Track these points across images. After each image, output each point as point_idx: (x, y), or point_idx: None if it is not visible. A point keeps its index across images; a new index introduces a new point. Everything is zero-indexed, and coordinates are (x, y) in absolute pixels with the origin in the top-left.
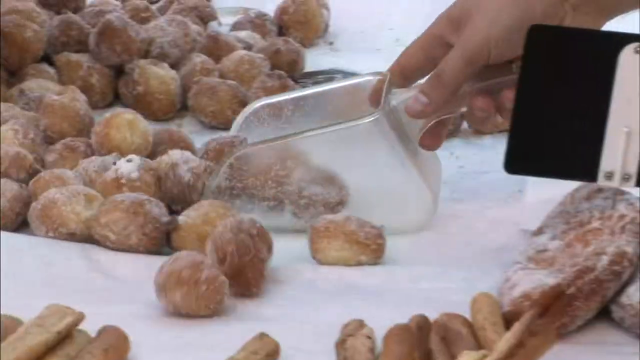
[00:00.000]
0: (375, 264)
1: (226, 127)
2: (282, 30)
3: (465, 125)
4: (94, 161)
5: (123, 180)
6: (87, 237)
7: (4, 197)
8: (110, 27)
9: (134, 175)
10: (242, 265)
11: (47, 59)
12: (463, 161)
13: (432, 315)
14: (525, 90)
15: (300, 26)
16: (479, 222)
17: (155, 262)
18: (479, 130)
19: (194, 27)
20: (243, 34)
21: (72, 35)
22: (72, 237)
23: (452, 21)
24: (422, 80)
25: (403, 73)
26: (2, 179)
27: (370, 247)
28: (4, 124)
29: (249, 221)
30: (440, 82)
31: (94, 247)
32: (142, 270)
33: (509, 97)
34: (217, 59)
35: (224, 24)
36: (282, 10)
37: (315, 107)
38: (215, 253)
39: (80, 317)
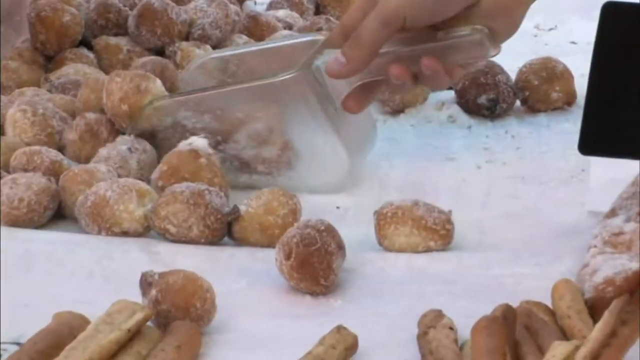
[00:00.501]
0: (443, 249)
1: None
2: (319, 9)
3: (518, 103)
4: (113, 151)
5: (200, 152)
6: (140, 233)
7: (31, 191)
8: (150, 9)
9: (209, 149)
10: (308, 255)
11: (85, 42)
12: (519, 141)
13: (509, 303)
14: (599, 69)
15: (337, 3)
16: (544, 204)
17: (216, 253)
18: (532, 107)
19: (233, 7)
20: (281, 13)
21: (110, 18)
22: (125, 235)
23: None
24: None
25: (345, 34)
26: (29, 173)
27: (439, 233)
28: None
29: (316, 219)
30: (358, 42)
31: (151, 240)
32: (204, 262)
33: (426, 64)
34: (258, 39)
35: (258, 2)
36: None
37: (260, 64)
38: (282, 251)
39: (149, 314)
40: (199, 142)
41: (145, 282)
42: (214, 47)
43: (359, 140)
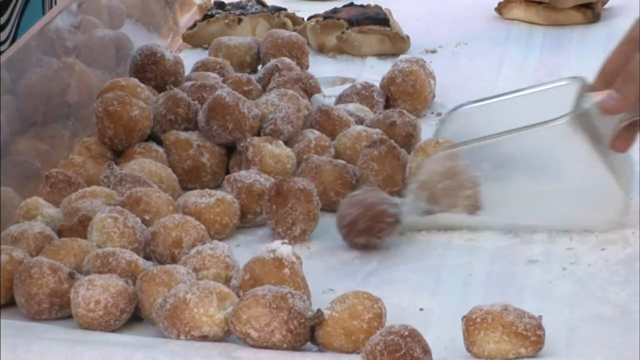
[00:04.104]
0: (534, 356)
1: (331, 209)
2: (389, 102)
3: None
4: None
5: (285, 262)
6: (220, 338)
7: (108, 293)
8: (221, 104)
9: (293, 258)
10: None
11: (154, 137)
12: None
13: None
14: None
15: (408, 97)
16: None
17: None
18: None
19: (303, 101)
20: (351, 106)
21: (179, 112)
22: (204, 339)
23: None
24: None
25: (605, 78)
26: (106, 274)
27: (530, 339)
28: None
29: (400, 325)
30: (631, 77)
31: (231, 344)
32: None
33: None
34: (330, 134)
35: (327, 95)
36: (388, 81)
37: (518, 112)
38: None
39: None
40: (283, 249)
41: None
42: (286, 143)
43: (627, 177)
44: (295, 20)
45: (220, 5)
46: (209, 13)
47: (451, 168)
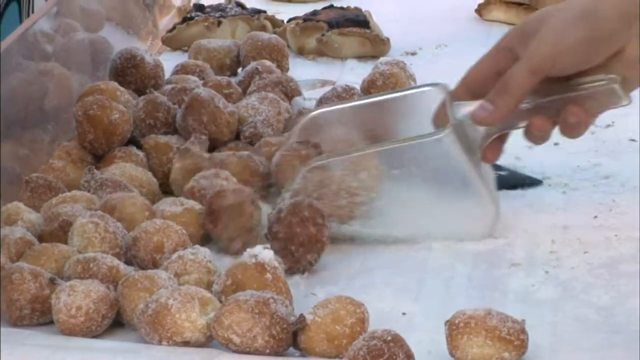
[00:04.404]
0: None
1: None
2: None
3: None
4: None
5: (267, 267)
6: (202, 344)
7: (89, 299)
8: (197, 99)
9: (275, 263)
10: None
11: (134, 141)
12: None
13: None
14: None
15: None
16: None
17: None
18: None
19: (284, 105)
20: None
21: (158, 117)
22: (186, 345)
23: (522, 33)
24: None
25: (470, 86)
26: (88, 280)
27: (514, 343)
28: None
29: (383, 330)
30: (506, 89)
31: (213, 350)
32: None
33: (574, 112)
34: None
35: (307, 97)
36: (369, 84)
37: (375, 116)
38: None
39: None
40: (265, 254)
41: None
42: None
43: (492, 185)
44: (275, 23)
45: (200, 8)
46: (188, 16)
47: (326, 178)
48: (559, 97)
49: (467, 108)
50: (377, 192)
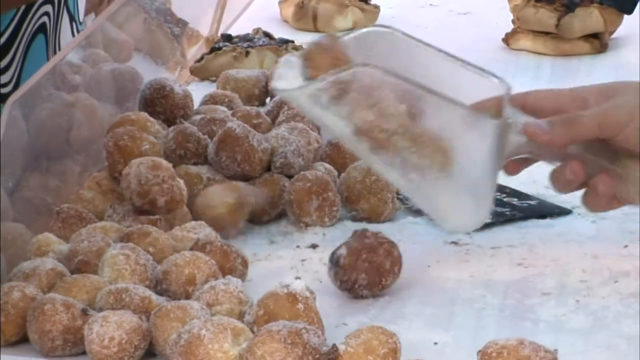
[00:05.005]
0: None
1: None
2: None
3: None
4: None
5: (298, 297)
6: None
7: (122, 329)
8: (231, 135)
9: (307, 292)
10: None
11: None
12: None
13: None
14: None
15: None
16: None
17: None
18: None
19: (314, 135)
20: None
21: (189, 147)
22: None
23: (605, 90)
24: None
25: (526, 103)
26: (120, 311)
27: None
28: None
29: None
30: (569, 123)
31: None
32: None
33: (606, 180)
34: (341, 166)
35: None
36: None
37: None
38: None
39: None
40: (297, 284)
41: None
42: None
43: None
44: None
45: (228, 38)
46: (217, 46)
47: (371, 88)
48: (604, 163)
49: (521, 116)
50: (402, 132)
